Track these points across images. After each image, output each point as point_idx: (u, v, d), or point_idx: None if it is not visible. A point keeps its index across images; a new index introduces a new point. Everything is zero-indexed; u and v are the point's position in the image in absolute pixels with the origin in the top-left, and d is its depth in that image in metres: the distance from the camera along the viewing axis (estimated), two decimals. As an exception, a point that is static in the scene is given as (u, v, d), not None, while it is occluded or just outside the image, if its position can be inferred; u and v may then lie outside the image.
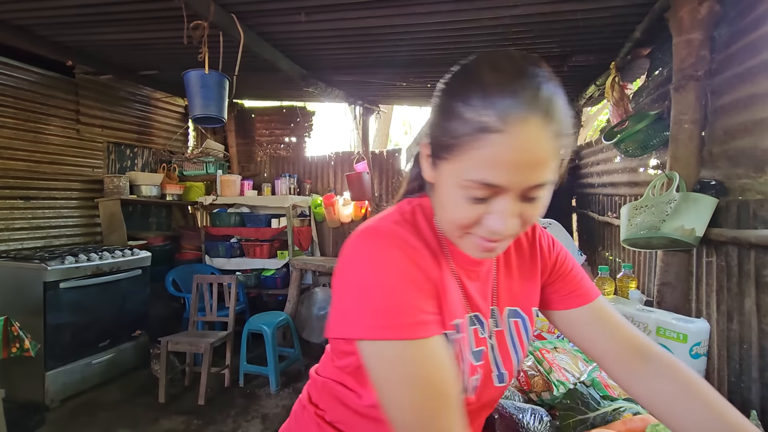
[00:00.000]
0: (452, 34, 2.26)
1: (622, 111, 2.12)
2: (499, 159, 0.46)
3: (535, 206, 0.52)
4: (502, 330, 0.65)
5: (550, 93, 0.47)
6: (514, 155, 0.46)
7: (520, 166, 0.47)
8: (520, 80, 0.47)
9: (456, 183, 0.50)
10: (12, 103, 3.17)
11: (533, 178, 0.48)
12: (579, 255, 1.98)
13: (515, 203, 0.50)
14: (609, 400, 0.88)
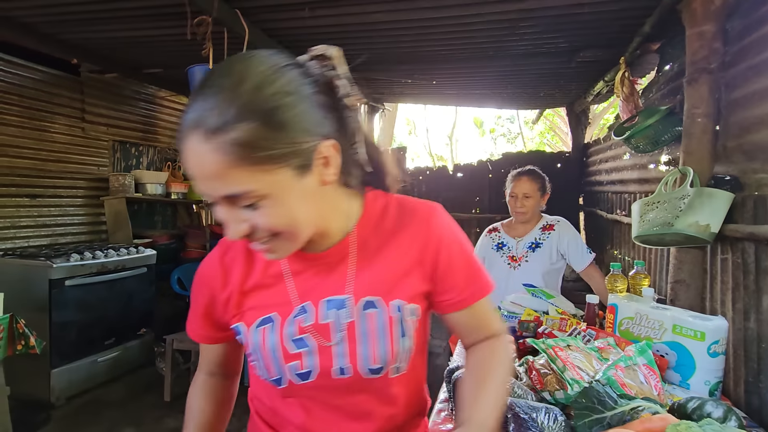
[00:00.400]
0: (458, 29, 2.24)
1: (632, 106, 2.08)
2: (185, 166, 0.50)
3: (262, 214, 0.51)
4: (354, 321, 0.62)
5: (211, 105, 0.47)
6: (187, 171, 0.50)
7: (195, 179, 0.50)
8: (192, 94, 0.50)
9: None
10: (17, 101, 3.17)
11: (217, 190, 0.49)
12: (588, 253, 1.95)
13: (230, 210, 0.51)
14: (626, 399, 0.85)
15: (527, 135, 13.09)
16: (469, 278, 0.66)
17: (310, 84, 0.53)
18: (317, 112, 0.53)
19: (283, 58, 0.53)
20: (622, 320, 1.27)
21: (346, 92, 0.56)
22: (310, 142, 0.52)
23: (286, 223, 0.53)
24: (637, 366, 0.98)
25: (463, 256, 0.66)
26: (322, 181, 0.55)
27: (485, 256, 2.15)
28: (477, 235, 4.18)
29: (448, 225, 0.67)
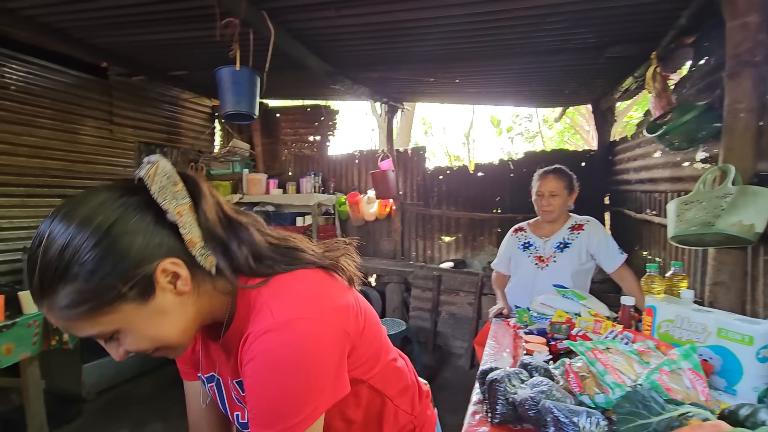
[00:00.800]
0: (483, 25, 2.20)
1: (664, 102, 2.02)
2: None
3: (124, 342, 0.57)
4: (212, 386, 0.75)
5: (35, 279, 0.52)
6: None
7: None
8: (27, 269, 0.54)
9: None
10: (50, 105, 3.28)
11: (77, 335, 0.56)
12: (620, 254, 1.89)
13: (107, 344, 0.58)
14: (674, 404, 0.82)
15: (546, 134, 12.88)
16: (267, 417, 0.56)
17: (131, 213, 0.55)
18: (145, 239, 0.55)
19: (101, 198, 0.55)
20: (660, 323, 1.22)
21: (167, 208, 0.57)
22: (142, 270, 0.54)
23: (151, 344, 0.58)
24: (682, 370, 0.95)
25: (269, 391, 0.56)
26: (178, 293, 0.58)
27: (511, 256, 2.12)
28: (498, 235, 4.15)
29: (275, 350, 0.56)
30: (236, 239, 0.62)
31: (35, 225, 3.23)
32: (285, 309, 0.58)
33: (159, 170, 0.57)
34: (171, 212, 0.57)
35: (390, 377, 0.77)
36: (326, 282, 0.66)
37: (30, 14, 2.39)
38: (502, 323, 1.82)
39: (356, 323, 0.66)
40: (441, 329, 3.58)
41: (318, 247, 0.72)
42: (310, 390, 0.56)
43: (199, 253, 0.59)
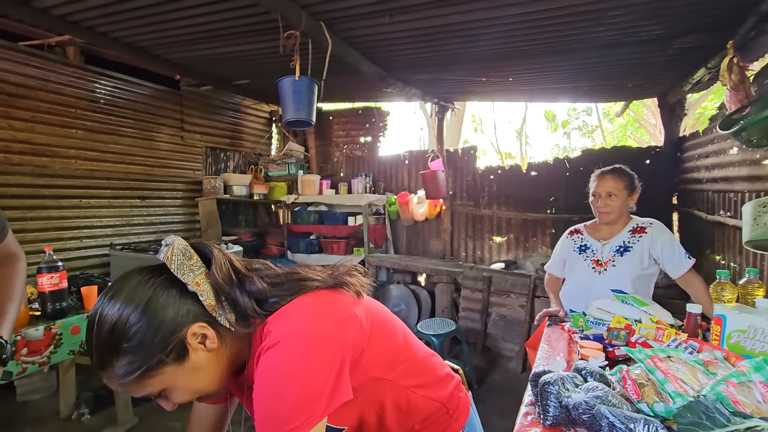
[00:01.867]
0: (539, 23, 2.16)
1: (742, 96, 1.86)
2: None
3: (171, 398, 0.68)
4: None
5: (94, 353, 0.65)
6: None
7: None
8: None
9: None
10: (131, 115, 3.65)
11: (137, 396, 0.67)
12: (687, 258, 1.78)
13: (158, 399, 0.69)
14: (741, 417, 0.79)
15: (607, 128, 12.15)
16: (267, 423, 0.62)
17: (160, 291, 0.66)
18: (174, 310, 0.66)
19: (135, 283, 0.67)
20: (731, 333, 1.16)
21: (186, 281, 0.67)
22: (176, 337, 0.65)
23: (193, 395, 0.70)
24: (753, 383, 0.90)
25: (266, 399, 0.62)
26: (208, 350, 0.68)
27: (566, 259, 2.06)
28: (552, 236, 4.02)
29: (272, 363, 0.63)
30: (241, 291, 0.72)
31: (120, 224, 3.62)
32: (283, 328, 0.66)
33: (175, 250, 0.68)
34: (190, 284, 0.68)
35: (415, 372, 0.83)
36: (328, 300, 0.73)
37: (118, 36, 2.69)
38: (556, 327, 1.79)
39: (360, 332, 0.73)
40: (491, 331, 3.53)
41: (324, 272, 0.79)
42: (305, 398, 0.61)
43: (218, 313, 0.69)
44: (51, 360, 2.08)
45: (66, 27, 2.52)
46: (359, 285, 0.79)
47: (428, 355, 0.91)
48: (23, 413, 2.62)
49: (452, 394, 0.91)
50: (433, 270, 3.98)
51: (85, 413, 2.62)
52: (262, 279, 0.74)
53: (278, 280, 0.75)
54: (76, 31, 2.57)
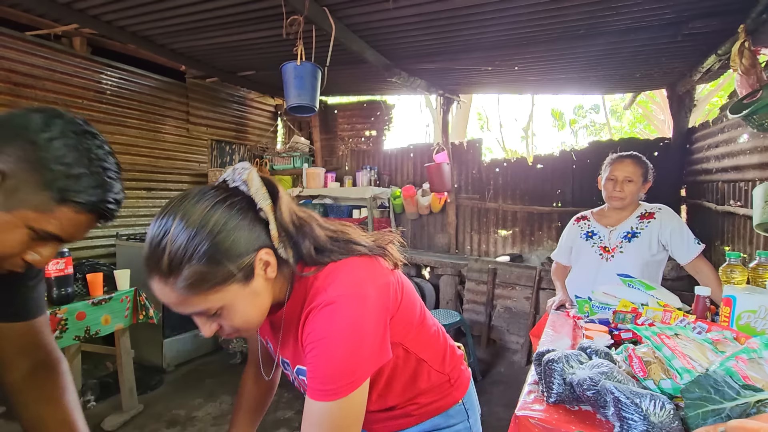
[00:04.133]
0: (546, 8, 2.13)
1: (753, 80, 1.82)
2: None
3: (223, 318, 0.67)
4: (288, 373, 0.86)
5: (160, 255, 0.61)
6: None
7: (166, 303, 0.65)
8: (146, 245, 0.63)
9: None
10: (137, 106, 3.66)
11: (183, 311, 0.65)
12: (696, 244, 1.75)
13: (199, 318, 0.67)
14: (751, 390, 0.77)
15: (615, 125, 12.02)
16: (321, 378, 0.66)
17: (237, 212, 0.66)
18: (249, 232, 0.66)
19: (211, 198, 0.66)
20: (740, 314, 1.13)
21: (261, 206, 0.68)
22: (248, 258, 0.66)
23: (243, 322, 0.69)
24: (764, 360, 0.88)
25: (325, 355, 0.66)
26: (266, 279, 0.69)
27: (573, 246, 2.04)
28: (558, 229, 3.97)
29: (330, 321, 0.67)
30: (302, 234, 0.73)
31: (126, 215, 3.64)
32: (336, 288, 0.68)
33: (254, 175, 0.70)
34: (264, 210, 0.69)
35: (423, 340, 0.88)
36: (371, 266, 0.76)
37: (123, 24, 2.70)
38: (561, 314, 1.77)
39: (395, 298, 0.78)
40: (496, 323, 3.51)
41: (369, 237, 0.82)
42: (358, 356, 0.66)
43: (280, 245, 0.70)
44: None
45: (72, 15, 2.53)
46: (397, 258, 0.83)
47: (438, 330, 0.95)
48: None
49: (455, 367, 0.95)
50: (437, 262, 3.96)
51: (91, 400, 2.64)
52: (320, 227, 0.76)
53: (333, 235, 0.77)
54: (82, 19, 2.58)
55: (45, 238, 0.64)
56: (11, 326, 0.80)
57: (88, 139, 0.64)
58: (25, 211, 0.60)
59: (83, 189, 0.62)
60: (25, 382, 0.80)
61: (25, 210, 0.60)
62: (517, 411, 0.97)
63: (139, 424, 2.49)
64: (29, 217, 0.60)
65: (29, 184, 0.59)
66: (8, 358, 0.80)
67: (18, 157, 0.59)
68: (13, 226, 0.60)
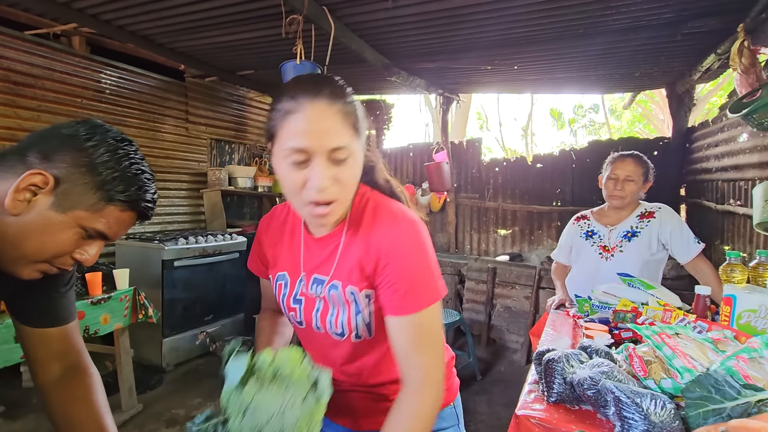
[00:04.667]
0: (545, 7, 2.13)
1: (752, 79, 1.83)
2: (300, 126, 0.67)
3: (345, 168, 0.69)
4: (324, 297, 0.80)
5: (336, 86, 0.70)
6: (307, 128, 0.67)
7: (313, 134, 0.66)
8: (312, 81, 0.71)
9: (281, 156, 0.69)
10: (137, 106, 3.65)
11: (330, 142, 0.67)
12: (696, 243, 1.75)
13: (326, 165, 0.68)
14: (752, 390, 0.77)
15: (614, 124, 12.03)
16: (407, 291, 0.72)
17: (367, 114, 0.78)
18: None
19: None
20: (741, 313, 1.13)
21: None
22: (366, 134, 0.75)
23: (352, 181, 0.73)
24: (764, 359, 0.88)
25: (406, 270, 0.73)
26: (367, 153, 0.79)
27: (572, 245, 2.03)
28: (557, 228, 3.97)
29: (405, 239, 0.74)
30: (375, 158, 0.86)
31: (125, 213, 3.63)
32: (404, 213, 0.77)
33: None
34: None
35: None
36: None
37: (122, 24, 2.69)
38: (561, 313, 1.77)
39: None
40: (495, 322, 3.51)
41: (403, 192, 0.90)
42: (436, 267, 0.76)
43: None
44: (55, 344, 2.09)
45: (71, 14, 2.52)
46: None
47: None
48: (29, 399, 2.64)
49: (449, 369, 0.94)
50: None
51: (90, 400, 2.63)
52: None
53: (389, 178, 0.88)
54: (81, 18, 2.57)
55: (93, 237, 0.69)
56: (46, 332, 0.84)
57: (126, 146, 0.70)
58: (78, 212, 0.66)
59: (126, 189, 0.68)
60: (57, 384, 0.84)
61: (78, 210, 0.65)
62: (517, 410, 0.97)
63: (138, 424, 2.48)
64: (81, 216, 0.66)
65: (81, 186, 0.65)
66: (42, 362, 0.84)
67: (69, 163, 0.65)
68: (67, 227, 0.66)
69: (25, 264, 0.68)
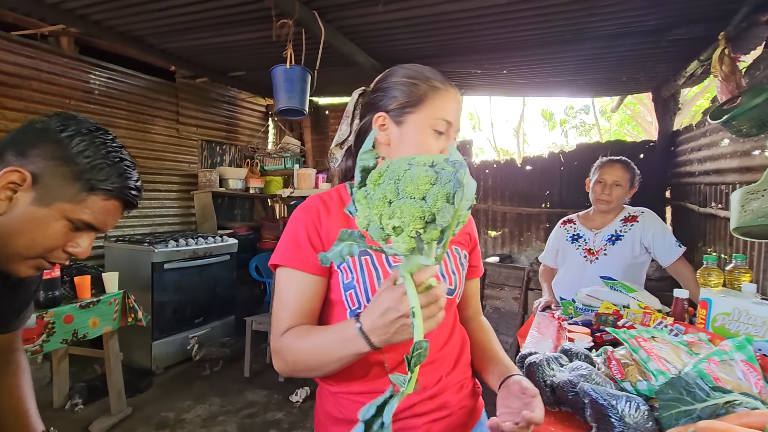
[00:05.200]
0: (533, 13, 2.16)
1: (732, 86, 1.87)
2: (450, 104, 0.80)
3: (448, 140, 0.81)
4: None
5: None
6: (454, 103, 0.80)
7: (457, 110, 0.81)
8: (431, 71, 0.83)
9: (427, 124, 0.78)
10: (126, 106, 3.63)
11: (459, 125, 0.83)
12: (677, 246, 1.79)
13: (441, 138, 0.79)
14: (720, 392, 0.80)
15: (604, 126, 12.16)
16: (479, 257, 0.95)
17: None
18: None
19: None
20: (716, 316, 1.17)
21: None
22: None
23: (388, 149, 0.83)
24: (735, 362, 0.91)
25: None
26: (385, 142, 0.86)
27: (559, 248, 2.07)
28: (546, 230, 4.02)
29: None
30: None
31: (114, 215, 3.60)
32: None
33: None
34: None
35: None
36: None
37: (111, 24, 2.68)
38: (546, 315, 1.80)
39: None
40: (486, 324, 3.54)
41: None
42: None
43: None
44: (44, 348, 2.08)
45: (60, 15, 2.50)
46: None
47: None
48: (16, 403, 2.62)
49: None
50: (428, 263, 3.98)
51: (79, 403, 2.62)
52: None
53: None
54: (69, 19, 2.56)
55: (81, 228, 0.70)
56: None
57: (102, 135, 0.70)
58: (61, 204, 0.66)
59: (107, 177, 0.68)
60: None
61: (61, 202, 0.66)
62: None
63: (127, 427, 2.47)
64: (66, 209, 0.66)
65: (60, 178, 0.66)
66: None
67: (45, 157, 0.65)
68: (53, 220, 0.66)
69: (19, 261, 0.69)
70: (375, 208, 0.53)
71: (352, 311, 0.77)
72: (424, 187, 0.51)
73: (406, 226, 0.50)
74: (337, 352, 0.66)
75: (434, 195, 0.50)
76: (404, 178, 0.53)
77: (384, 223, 0.52)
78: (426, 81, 0.79)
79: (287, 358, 0.74)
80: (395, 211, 0.51)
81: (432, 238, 0.51)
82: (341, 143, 0.91)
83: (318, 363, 0.70)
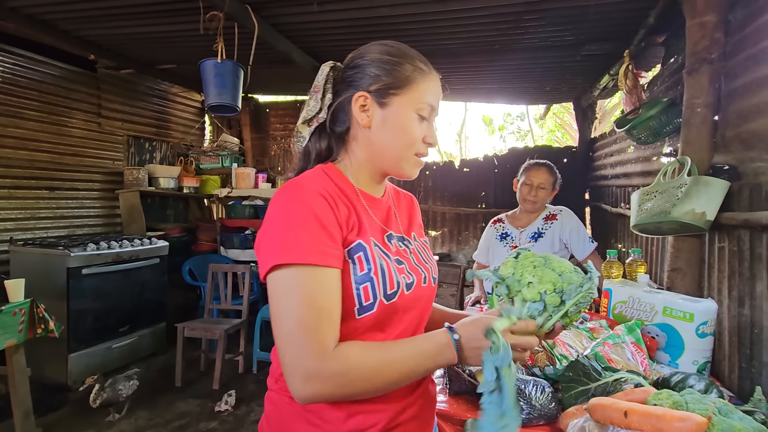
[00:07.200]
0: (463, 22, 2.27)
1: (635, 99, 2.10)
2: (434, 88, 0.78)
3: (431, 126, 0.80)
4: (415, 248, 0.83)
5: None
6: (438, 87, 0.79)
7: (440, 94, 0.79)
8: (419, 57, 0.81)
9: (412, 108, 0.75)
10: (37, 97, 3.28)
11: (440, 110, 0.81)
12: (590, 242, 1.97)
13: (426, 124, 0.78)
14: (610, 371, 0.89)
15: (537, 132, 13.00)
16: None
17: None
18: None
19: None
20: (615, 304, 1.30)
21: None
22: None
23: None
24: (625, 344, 1.02)
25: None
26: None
27: (489, 246, 2.19)
28: (482, 230, 4.20)
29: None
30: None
31: (22, 217, 3.25)
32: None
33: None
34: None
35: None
36: None
37: (15, 5, 2.41)
38: (476, 310, 1.89)
39: None
40: (425, 321, 3.64)
41: None
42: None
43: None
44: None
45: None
46: None
47: None
48: None
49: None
50: (370, 263, 4.01)
51: (-24, 428, 2.33)
52: None
53: None
54: (-38, -4, 2.27)
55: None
56: None
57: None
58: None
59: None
60: None
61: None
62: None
63: (36, 451, 2.24)
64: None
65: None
66: None
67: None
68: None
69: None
70: (521, 268, 0.72)
71: (363, 307, 0.68)
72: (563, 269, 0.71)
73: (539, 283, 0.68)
74: (430, 363, 0.66)
75: (568, 277, 0.69)
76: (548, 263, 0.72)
77: (523, 278, 0.70)
78: (410, 61, 0.76)
79: (352, 379, 0.61)
80: (536, 272, 0.70)
81: (553, 304, 0.67)
82: (309, 120, 0.81)
83: (400, 377, 0.64)
